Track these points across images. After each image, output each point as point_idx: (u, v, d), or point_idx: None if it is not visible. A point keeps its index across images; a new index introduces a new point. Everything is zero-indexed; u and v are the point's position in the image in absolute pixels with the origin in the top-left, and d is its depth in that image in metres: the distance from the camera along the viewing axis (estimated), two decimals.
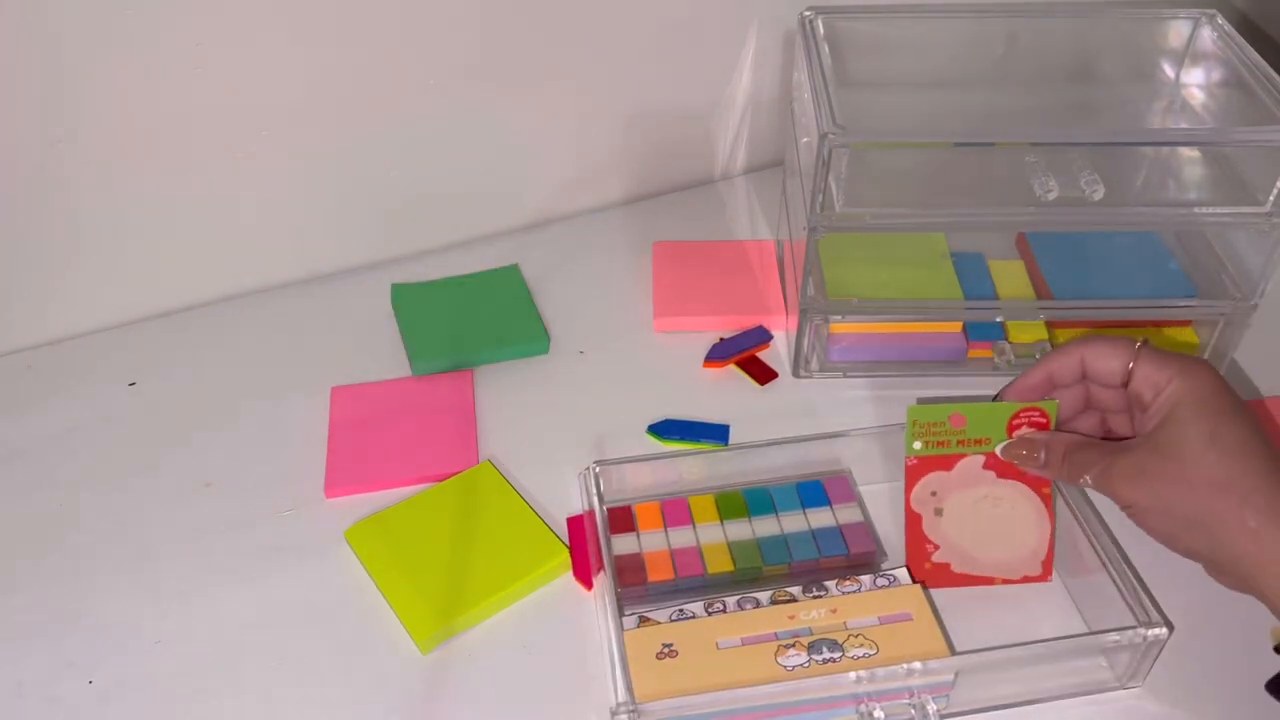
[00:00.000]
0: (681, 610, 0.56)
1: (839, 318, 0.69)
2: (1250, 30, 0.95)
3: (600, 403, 0.70)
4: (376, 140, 0.78)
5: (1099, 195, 0.62)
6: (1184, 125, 0.72)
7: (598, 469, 0.60)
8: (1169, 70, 0.74)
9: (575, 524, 0.62)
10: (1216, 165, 0.67)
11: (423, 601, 0.57)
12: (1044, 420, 0.56)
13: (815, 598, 0.56)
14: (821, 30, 0.70)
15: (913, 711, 0.52)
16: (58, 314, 0.76)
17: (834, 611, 0.54)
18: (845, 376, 0.72)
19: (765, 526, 0.61)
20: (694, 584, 0.58)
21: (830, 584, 0.56)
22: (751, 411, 0.69)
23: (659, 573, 0.58)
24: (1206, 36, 0.72)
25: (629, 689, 0.50)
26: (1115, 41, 0.76)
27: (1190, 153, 0.69)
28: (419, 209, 0.83)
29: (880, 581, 0.56)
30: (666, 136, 0.88)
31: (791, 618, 0.54)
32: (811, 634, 0.54)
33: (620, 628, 0.53)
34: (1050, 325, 0.71)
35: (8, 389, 0.73)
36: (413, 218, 0.83)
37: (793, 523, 0.61)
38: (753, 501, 0.62)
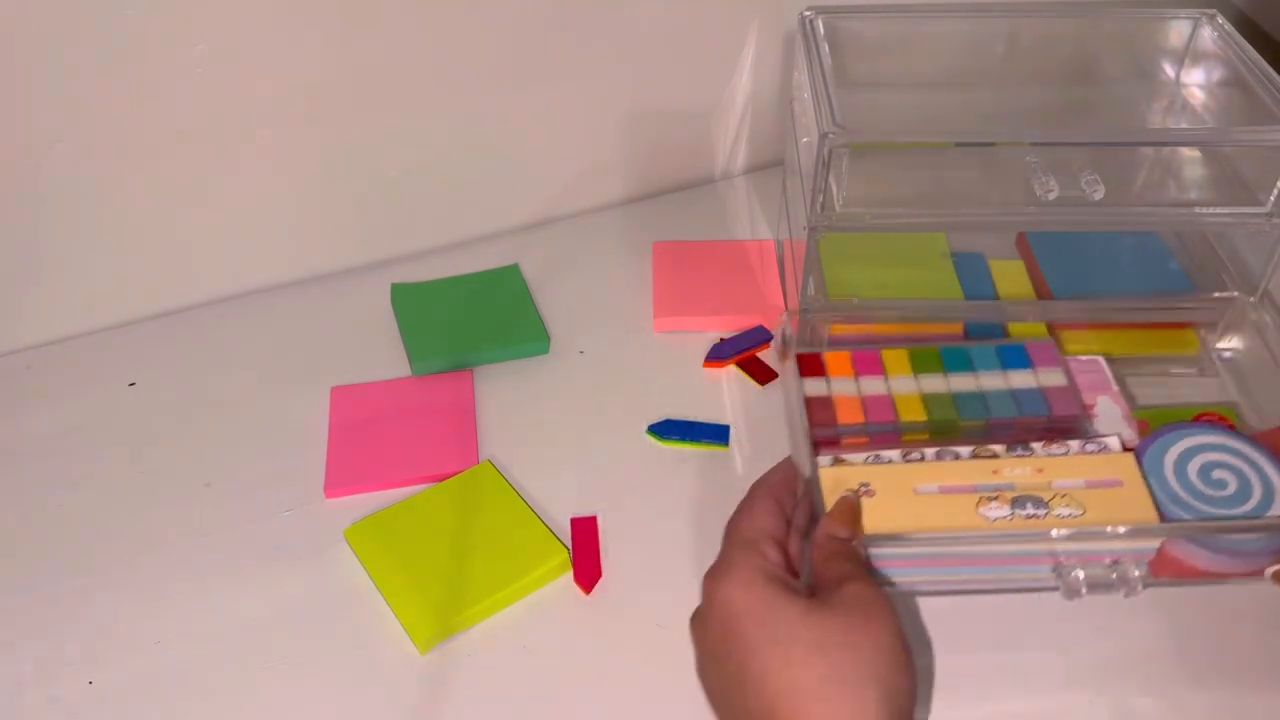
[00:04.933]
0: (878, 456, 0.54)
1: (839, 318, 0.69)
2: (1250, 30, 0.95)
3: (600, 403, 0.70)
4: (376, 140, 0.78)
5: (1099, 195, 0.62)
6: (1184, 125, 0.72)
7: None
8: (1169, 70, 0.74)
9: (578, 525, 0.62)
10: (1216, 165, 0.67)
11: (422, 601, 0.57)
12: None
13: (1020, 456, 0.53)
14: (821, 30, 0.70)
15: (1114, 576, 0.51)
16: (58, 314, 0.76)
17: (1040, 471, 0.52)
18: None
19: (961, 383, 0.59)
20: (885, 429, 0.57)
21: (1036, 445, 0.54)
22: (752, 412, 0.69)
23: (849, 415, 0.57)
24: (1206, 36, 0.72)
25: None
26: (1115, 41, 0.76)
27: (1190, 153, 0.69)
28: (419, 209, 0.83)
29: (1090, 447, 0.54)
30: (666, 136, 0.88)
31: (995, 473, 0.53)
32: (1015, 490, 0.52)
33: (815, 463, 0.52)
34: (1050, 325, 0.71)
35: (8, 389, 0.73)
36: (413, 218, 0.83)
37: (991, 381, 0.59)
38: (949, 359, 0.60)
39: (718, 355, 0.73)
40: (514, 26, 0.76)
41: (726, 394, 0.71)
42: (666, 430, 0.68)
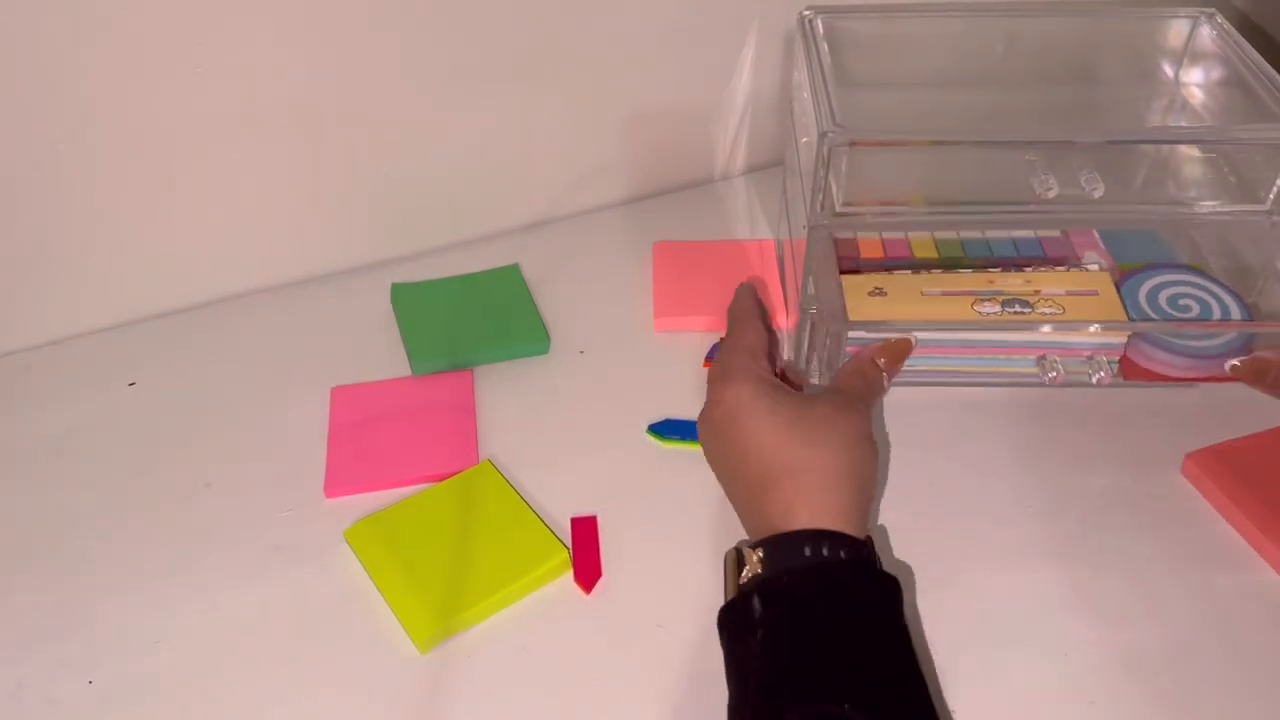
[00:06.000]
0: (891, 271, 0.65)
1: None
2: (1250, 29, 0.95)
3: (600, 403, 0.70)
4: (377, 140, 0.78)
5: (1099, 193, 0.62)
6: (1184, 124, 0.72)
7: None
8: (1169, 69, 0.74)
9: (578, 525, 0.62)
10: (1216, 164, 0.67)
11: (421, 601, 0.57)
12: None
13: (1012, 273, 0.65)
14: (821, 30, 0.70)
15: (1089, 369, 0.62)
16: (58, 314, 0.76)
17: (1028, 282, 0.64)
18: None
19: (971, 234, 0.71)
20: (901, 264, 0.68)
21: (1028, 269, 0.65)
22: None
23: (870, 251, 0.69)
24: (1206, 35, 0.72)
25: (843, 309, 0.63)
26: (1115, 41, 0.76)
27: (1190, 151, 0.69)
28: (419, 209, 0.83)
29: (1074, 268, 0.65)
30: (666, 136, 0.88)
31: (990, 282, 0.65)
32: (1005, 295, 0.63)
33: (837, 272, 0.64)
34: None
35: (8, 389, 0.73)
36: (413, 218, 0.83)
37: (998, 240, 0.70)
38: (966, 243, 0.71)
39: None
40: (514, 26, 0.76)
41: None
42: (666, 430, 0.68)
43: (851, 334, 0.63)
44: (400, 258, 0.83)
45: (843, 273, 0.65)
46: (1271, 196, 0.62)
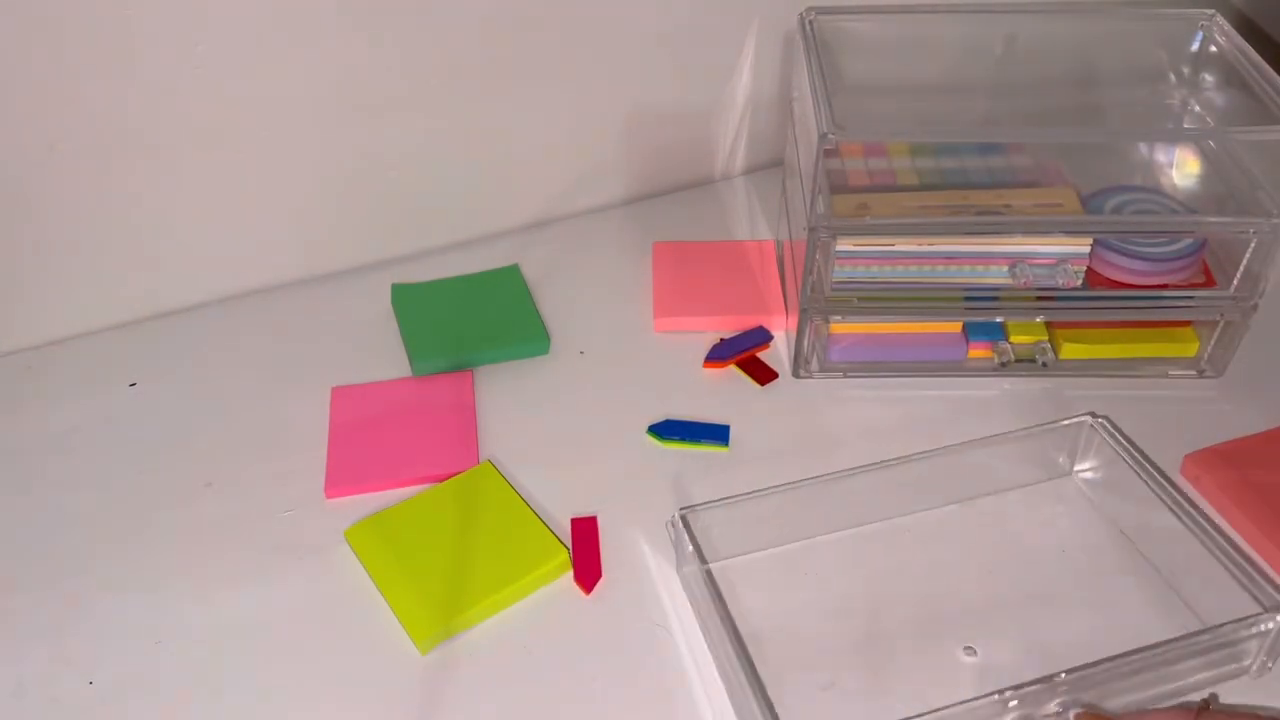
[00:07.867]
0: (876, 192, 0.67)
1: (839, 318, 0.69)
2: (1250, 30, 0.95)
3: (600, 403, 0.70)
4: (377, 140, 0.78)
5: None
6: (1184, 125, 0.72)
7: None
8: (1169, 70, 0.74)
9: (578, 525, 0.62)
10: (1216, 165, 0.67)
11: (422, 602, 0.57)
12: None
13: (986, 189, 0.67)
14: (821, 30, 0.70)
15: (1057, 275, 0.65)
16: (58, 314, 0.76)
17: (999, 197, 0.67)
18: (845, 377, 0.72)
19: (951, 167, 0.70)
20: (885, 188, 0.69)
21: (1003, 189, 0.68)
22: (751, 412, 0.69)
23: (857, 180, 0.69)
24: (1206, 36, 0.72)
25: (829, 209, 0.64)
26: (1115, 42, 0.76)
27: (1190, 153, 0.69)
28: (419, 209, 0.83)
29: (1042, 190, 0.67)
30: (666, 136, 0.88)
31: (965, 198, 0.67)
32: (978, 207, 0.66)
33: (829, 194, 0.65)
34: (1050, 325, 0.71)
35: (8, 389, 0.73)
36: (413, 218, 0.83)
37: (975, 170, 0.71)
38: (946, 172, 0.71)
39: (718, 355, 0.73)
40: (515, 26, 0.76)
41: (726, 394, 0.71)
42: (666, 430, 0.68)
43: (839, 247, 0.65)
44: (400, 258, 0.83)
45: (830, 193, 0.67)
46: (1272, 199, 0.62)
